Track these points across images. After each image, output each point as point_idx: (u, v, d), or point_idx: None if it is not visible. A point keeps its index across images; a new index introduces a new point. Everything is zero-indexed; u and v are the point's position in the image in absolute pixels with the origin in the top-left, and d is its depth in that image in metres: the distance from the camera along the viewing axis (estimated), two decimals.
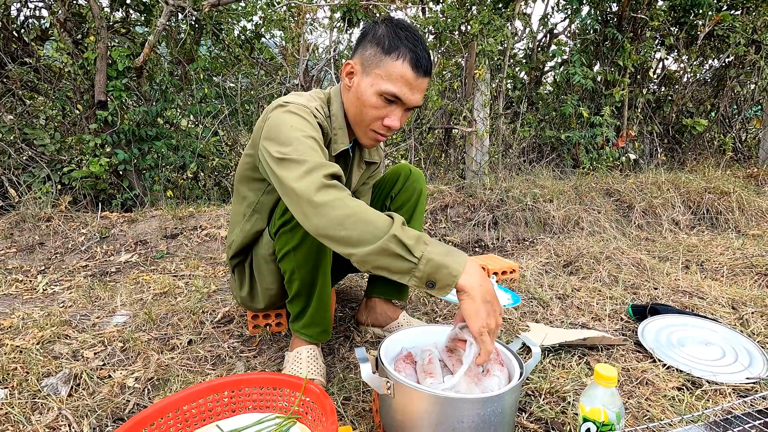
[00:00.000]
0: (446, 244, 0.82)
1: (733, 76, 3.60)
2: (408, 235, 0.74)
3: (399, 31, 0.93)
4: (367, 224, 0.75)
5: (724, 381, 1.06)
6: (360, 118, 0.99)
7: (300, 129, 0.88)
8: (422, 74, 0.93)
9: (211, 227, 2.34)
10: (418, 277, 0.74)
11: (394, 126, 0.97)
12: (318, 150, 0.86)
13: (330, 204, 0.76)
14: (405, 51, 0.91)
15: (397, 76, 0.92)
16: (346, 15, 2.88)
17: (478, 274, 0.75)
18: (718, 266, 1.93)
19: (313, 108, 0.96)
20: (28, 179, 2.48)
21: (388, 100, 0.94)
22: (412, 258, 0.73)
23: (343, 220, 0.75)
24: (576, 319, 1.44)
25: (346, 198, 0.78)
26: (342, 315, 1.51)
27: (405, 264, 0.74)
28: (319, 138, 0.90)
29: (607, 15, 3.38)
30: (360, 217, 0.75)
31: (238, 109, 3.06)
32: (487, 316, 0.74)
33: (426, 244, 0.75)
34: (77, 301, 1.62)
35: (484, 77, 2.85)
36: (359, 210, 0.76)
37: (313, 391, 0.82)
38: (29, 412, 0.98)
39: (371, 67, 0.94)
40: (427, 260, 0.73)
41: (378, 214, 0.77)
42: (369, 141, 1.03)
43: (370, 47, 0.94)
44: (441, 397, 0.72)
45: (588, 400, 0.76)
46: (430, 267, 0.73)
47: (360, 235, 0.74)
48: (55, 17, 2.55)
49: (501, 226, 2.52)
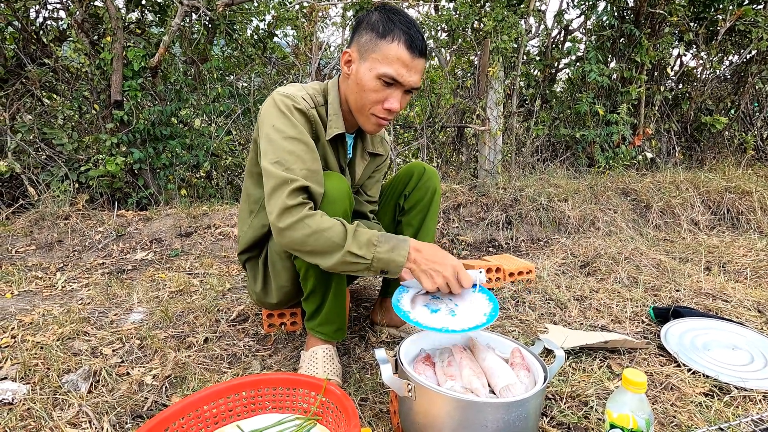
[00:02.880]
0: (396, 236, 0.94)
1: (755, 73, 3.50)
2: (359, 243, 0.89)
3: (392, 15, 0.95)
4: (326, 240, 0.88)
5: (754, 387, 1.02)
6: (361, 104, 1.00)
7: (280, 129, 0.95)
8: (417, 54, 0.95)
9: (224, 225, 2.36)
10: (373, 271, 0.91)
11: (395, 108, 0.98)
12: (293, 151, 0.93)
13: (292, 227, 0.89)
14: (399, 33, 0.93)
15: (393, 58, 0.93)
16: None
17: (417, 256, 0.90)
18: (741, 268, 1.88)
19: (299, 97, 0.99)
20: (47, 178, 2.53)
21: (387, 82, 0.95)
22: (366, 261, 0.89)
23: (305, 239, 0.89)
24: (595, 322, 1.41)
25: (306, 218, 0.89)
26: (356, 315, 1.50)
27: (362, 265, 0.90)
28: (299, 133, 0.96)
29: (624, 11, 3.31)
30: (320, 235, 0.88)
31: (251, 108, 3.07)
32: (435, 275, 0.90)
33: (375, 245, 0.89)
34: (95, 298, 1.64)
35: (498, 75, 2.82)
36: (318, 228, 0.88)
37: (333, 393, 0.81)
38: (51, 408, 0.99)
39: (368, 52, 0.95)
40: (377, 259, 0.89)
41: (334, 227, 0.89)
42: (372, 126, 1.04)
43: (365, 34, 0.96)
44: (465, 400, 0.71)
45: (616, 406, 0.73)
46: (381, 264, 0.89)
47: (322, 248, 0.89)
48: (73, 18, 2.58)
49: (515, 225, 2.49)
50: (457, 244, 2.37)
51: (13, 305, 1.57)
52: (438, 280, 0.89)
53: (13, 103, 2.61)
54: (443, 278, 0.89)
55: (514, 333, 1.35)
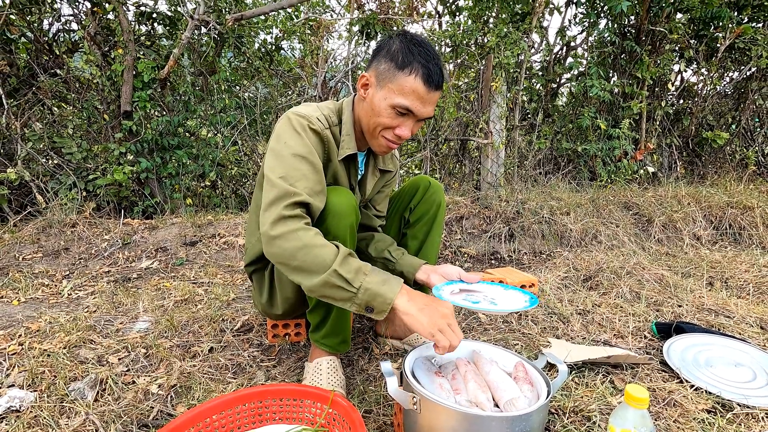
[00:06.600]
0: (387, 272, 0.91)
1: (755, 89, 3.54)
2: (348, 268, 0.85)
3: (412, 47, 0.96)
4: (315, 257, 0.85)
5: (756, 404, 1.03)
6: (373, 127, 1.02)
7: (291, 146, 0.96)
8: (434, 89, 0.96)
9: (229, 235, 2.38)
10: (357, 304, 0.86)
11: (405, 136, 1.00)
12: (300, 168, 0.93)
13: (284, 236, 0.86)
14: (417, 66, 0.94)
15: (409, 90, 0.94)
16: (364, 29, 2.94)
17: (410, 296, 0.86)
18: (743, 284, 1.88)
19: (314, 118, 1.01)
20: (55, 186, 2.56)
21: (401, 113, 0.97)
22: (352, 288, 0.85)
23: (295, 252, 0.86)
24: (598, 336, 1.42)
25: (299, 230, 0.87)
26: (360, 326, 1.51)
27: (346, 293, 0.85)
28: (309, 152, 0.96)
29: (625, 28, 3.37)
30: (310, 250, 0.86)
31: (257, 119, 3.12)
32: (430, 321, 0.84)
33: (365, 275, 0.86)
34: (101, 307, 1.65)
35: (501, 89, 2.86)
36: (309, 243, 0.86)
37: (340, 404, 0.82)
38: (58, 416, 1.00)
39: (385, 81, 0.97)
40: (365, 290, 0.85)
41: (326, 246, 0.87)
42: (381, 148, 1.06)
43: (384, 62, 0.98)
44: (470, 414, 0.72)
45: (618, 422, 0.74)
46: (368, 296, 0.85)
47: (309, 266, 0.85)
48: (86, 31, 2.65)
49: (517, 238, 2.51)
50: (459, 256, 2.38)
51: (20, 312, 1.58)
52: (435, 323, 0.84)
53: (24, 112, 2.66)
54: (441, 321, 0.84)
55: (517, 347, 1.35)
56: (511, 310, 0.85)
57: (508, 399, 0.78)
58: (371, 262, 1.24)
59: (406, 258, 1.18)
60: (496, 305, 0.89)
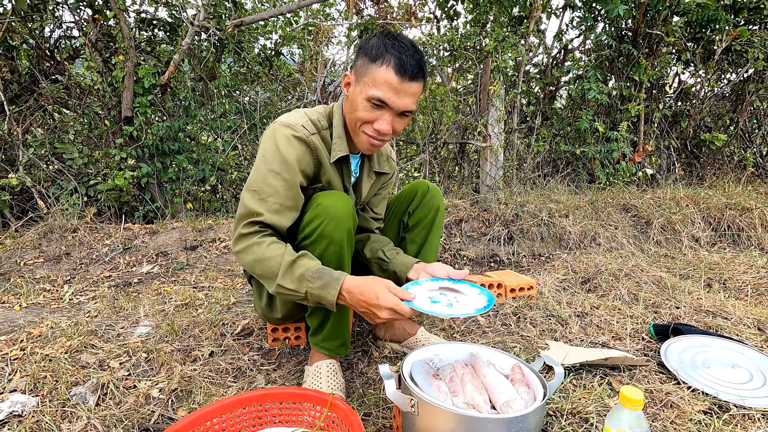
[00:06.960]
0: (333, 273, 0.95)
1: (753, 91, 3.56)
2: (291, 278, 0.94)
3: (387, 41, 0.97)
4: (267, 268, 0.96)
5: (752, 405, 1.03)
6: (353, 124, 1.04)
7: (268, 162, 1.01)
8: (408, 78, 0.95)
9: (229, 239, 2.39)
10: (311, 304, 0.97)
11: (383, 130, 0.99)
12: (273, 185, 0.99)
13: (243, 251, 0.99)
14: (389, 57, 0.94)
15: (381, 81, 0.95)
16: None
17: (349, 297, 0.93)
18: (741, 285, 1.89)
19: (299, 125, 1.03)
20: (57, 191, 2.58)
21: (376, 104, 0.98)
22: (299, 294, 0.95)
23: (253, 264, 0.98)
24: (596, 338, 1.43)
25: (253, 245, 0.98)
26: (359, 330, 1.52)
27: (297, 296, 0.96)
28: (284, 168, 1.00)
29: (623, 31, 3.39)
30: (263, 263, 0.96)
31: (257, 123, 3.14)
32: (373, 317, 0.92)
33: (308, 281, 0.93)
34: (102, 311, 1.66)
35: (499, 93, 2.88)
36: (261, 256, 0.97)
37: (339, 407, 0.83)
38: (59, 420, 1.01)
39: (361, 75, 0.99)
40: (310, 294, 0.94)
41: (273, 258, 0.96)
42: (364, 146, 1.06)
43: (360, 58, 1.00)
44: (466, 416, 0.73)
45: (614, 423, 0.75)
46: (315, 298, 0.94)
47: (265, 275, 0.97)
48: (87, 38, 2.67)
49: (516, 241, 2.52)
50: (459, 259, 2.39)
51: (22, 317, 1.60)
52: (376, 320, 0.92)
53: (26, 118, 2.68)
54: (381, 320, 0.91)
55: (515, 349, 1.36)
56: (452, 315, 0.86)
57: (505, 401, 0.79)
58: (367, 263, 1.25)
59: (399, 257, 1.19)
60: (451, 308, 0.90)
